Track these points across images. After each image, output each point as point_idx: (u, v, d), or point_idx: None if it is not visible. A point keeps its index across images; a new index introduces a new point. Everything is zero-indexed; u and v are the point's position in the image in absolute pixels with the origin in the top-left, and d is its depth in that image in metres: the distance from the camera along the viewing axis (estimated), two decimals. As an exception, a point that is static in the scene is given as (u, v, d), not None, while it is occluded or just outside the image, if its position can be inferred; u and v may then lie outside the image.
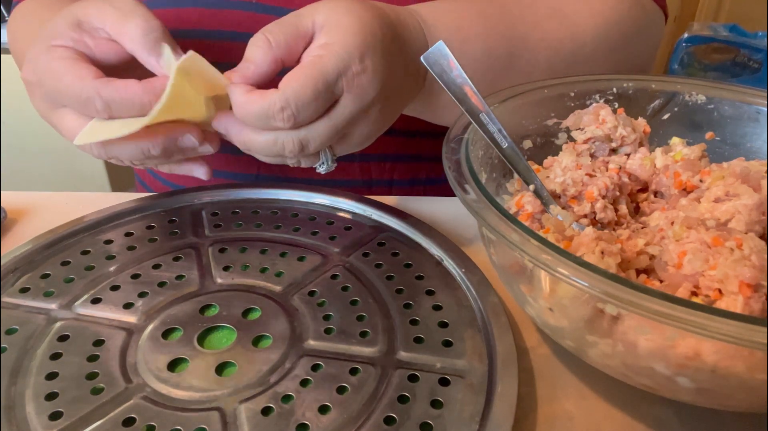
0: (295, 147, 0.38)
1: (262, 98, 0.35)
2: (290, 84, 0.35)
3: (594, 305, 0.29)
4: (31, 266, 0.41)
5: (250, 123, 0.37)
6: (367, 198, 0.48)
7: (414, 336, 0.35)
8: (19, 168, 1.47)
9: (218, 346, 0.35)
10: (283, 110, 0.35)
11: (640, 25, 0.53)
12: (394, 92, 0.41)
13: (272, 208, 0.48)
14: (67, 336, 0.35)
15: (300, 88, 0.35)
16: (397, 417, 0.30)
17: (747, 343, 0.23)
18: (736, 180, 0.35)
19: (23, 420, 0.30)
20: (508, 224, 0.29)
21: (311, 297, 0.38)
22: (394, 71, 0.40)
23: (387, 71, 0.39)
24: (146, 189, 0.67)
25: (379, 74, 0.38)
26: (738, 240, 0.30)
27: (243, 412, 0.31)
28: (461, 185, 0.32)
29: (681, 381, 0.28)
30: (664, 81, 0.44)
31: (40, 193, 0.52)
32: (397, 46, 0.40)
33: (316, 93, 0.35)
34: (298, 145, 0.38)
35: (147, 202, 0.47)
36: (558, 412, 0.33)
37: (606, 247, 0.31)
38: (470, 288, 0.39)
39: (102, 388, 0.32)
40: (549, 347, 0.37)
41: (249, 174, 0.58)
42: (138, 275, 0.40)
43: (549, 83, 0.43)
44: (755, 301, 0.28)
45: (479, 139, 0.38)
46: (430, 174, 0.61)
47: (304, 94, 0.35)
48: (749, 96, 0.42)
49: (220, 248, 0.43)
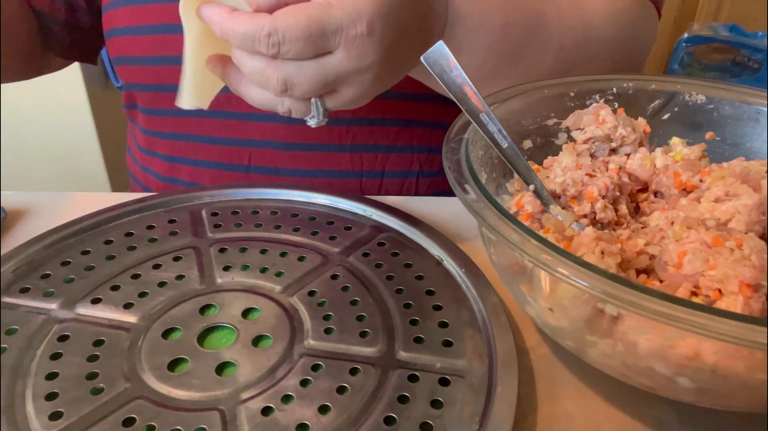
0: (279, 83, 0.37)
1: (251, 18, 0.35)
2: (285, 15, 0.35)
3: (594, 305, 0.29)
4: (31, 266, 0.41)
5: (234, 41, 0.36)
6: (367, 198, 0.48)
7: (414, 336, 0.35)
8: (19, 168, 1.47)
9: (218, 346, 0.35)
10: (269, 36, 0.35)
11: (642, 18, 0.55)
12: (396, 61, 0.40)
13: (272, 208, 0.48)
14: (67, 336, 0.35)
15: (294, 22, 0.35)
16: (397, 417, 0.30)
17: (747, 343, 0.23)
18: (736, 180, 0.35)
19: (23, 420, 0.30)
20: (508, 224, 0.29)
21: (311, 297, 0.38)
22: (402, 42, 0.39)
23: (394, 41, 0.38)
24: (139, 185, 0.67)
25: (384, 43, 0.37)
26: (738, 240, 0.30)
27: (243, 412, 0.31)
28: (461, 185, 0.32)
29: (681, 381, 0.28)
30: (664, 81, 0.44)
31: (40, 193, 0.52)
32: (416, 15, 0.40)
33: (308, 34, 0.35)
34: (281, 82, 0.37)
35: (147, 202, 0.47)
36: (558, 412, 0.33)
37: (606, 247, 0.31)
38: (470, 288, 0.39)
39: (102, 388, 0.32)
40: (549, 347, 0.37)
41: (240, 164, 0.58)
42: (138, 275, 0.40)
43: (549, 83, 0.43)
44: (755, 301, 0.28)
45: (479, 139, 0.38)
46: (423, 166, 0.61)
47: (295, 28, 0.35)
48: (749, 96, 0.42)
49: (220, 248, 0.43)
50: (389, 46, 0.38)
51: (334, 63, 0.37)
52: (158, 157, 0.63)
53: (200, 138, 0.59)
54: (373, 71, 0.38)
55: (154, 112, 0.61)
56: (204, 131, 0.59)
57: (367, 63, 0.37)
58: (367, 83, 0.39)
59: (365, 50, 0.37)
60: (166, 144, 0.61)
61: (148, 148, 0.64)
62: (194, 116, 0.57)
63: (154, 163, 0.63)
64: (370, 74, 0.38)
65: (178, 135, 0.60)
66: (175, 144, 0.61)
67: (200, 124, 0.58)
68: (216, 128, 0.58)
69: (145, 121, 0.63)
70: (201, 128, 0.58)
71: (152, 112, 0.61)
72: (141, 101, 0.61)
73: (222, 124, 0.57)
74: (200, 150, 0.59)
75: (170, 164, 0.62)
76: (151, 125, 0.62)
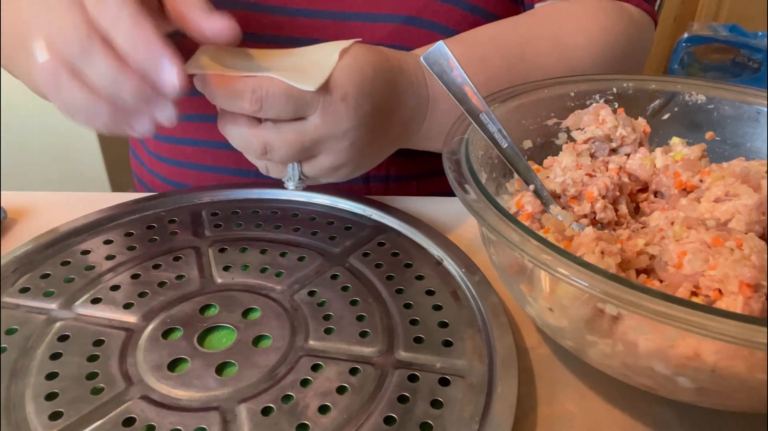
0: (259, 147, 0.40)
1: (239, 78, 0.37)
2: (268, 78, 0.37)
3: (594, 305, 0.29)
4: (31, 266, 0.41)
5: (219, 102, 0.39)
6: (367, 198, 0.48)
7: (414, 336, 0.35)
8: (19, 168, 1.47)
9: (218, 346, 0.35)
10: (253, 92, 0.37)
11: (632, 41, 0.55)
12: (373, 133, 0.42)
13: (272, 208, 0.48)
14: (67, 336, 0.35)
15: (277, 83, 0.37)
16: (397, 417, 0.30)
17: (747, 343, 0.23)
18: (736, 180, 0.35)
19: (23, 420, 0.30)
20: (508, 224, 0.29)
21: (311, 297, 0.38)
22: (378, 114, 0.42)
23: (369, 112, 0.41)
24: (145, 188, 0.67)
25: (358, 111, 0.40)
26: (738, 241, 0.30)
27: (243, 412, 0.31)
28: (461, 185, 0.32)
29: (681, 381, 0.28)
30: (664, 81, 0.44)
31: (40, 193, 0.52)
32: (391, 91, 0.43)
33: (289, 94, 0.37)
34: (261, 147, 0.40)
35: (147, 202, 0.47)
36: (558, 412, 0.33)
37: (606, 247, 0.31)
38: (470, 288, 0.39)
39: (102, 388, 0.32)
40: (549, 347, 0.37)
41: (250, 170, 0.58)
42: (138, 275, 0.40)
43: (549, 83, 0.43)
44: (755, 301, 0.28)
45: (479, 139, 0.38)
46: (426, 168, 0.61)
47: (278, 88, 0.37)
48: (749, 96, 0.42)
49: (220, 248, 0.43)
50: (364, 116, 0.41)
51: (311, 128, 0.39)
52: (166, 162, 0.62)
53: (209, 143, 0.58)
54: (348, 138, 0.41)
55: None
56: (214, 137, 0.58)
57: (342, 129, 0.40)
58: (344, 151, 0.41)
59: (340, 115, 0.39)
60: (170, 148, 0.61)
61: (155, 152, 0.63)
62: (204, 122, 0.57)
63: (161, 167, 0.63)
64: (345, 141, 0.41)
65: (184, 140, 0.60)
66: (181, 149, 0.60)
67: (209, 129, 0.58)
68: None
69: None
70: (210, 134, 0.58)
71: None
72: None
73: None
74: (208, 155, 0.59)
75: (178, 169, 0.61)
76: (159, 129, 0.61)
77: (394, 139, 0.46)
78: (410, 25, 0.53)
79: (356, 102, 0.40)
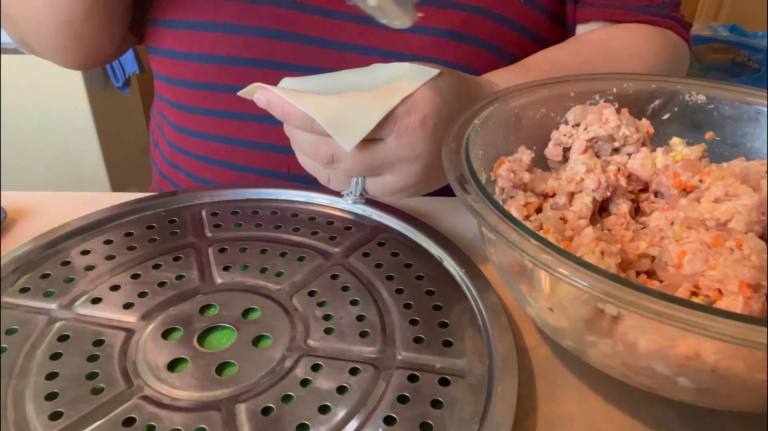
0: (326, 155, 0.40)
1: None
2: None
3: (594, 305, 0.29)
4: (31, 266, 0.41)
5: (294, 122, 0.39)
6: (367, 198, 0.48)
7: (414, 336, 0.35)
8: (19, 168, 1.47)
9: (218, 346, 0.35)
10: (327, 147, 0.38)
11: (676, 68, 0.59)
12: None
13: (272, 208, 0.48)
14: (67, 336, 0.35)
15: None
16: (397, 417, 0.30)
17: (747, 343, 0.23)
18: (735, 180, 0.35)
19: (23, 420, 0.30)
20: (508, 224, 0.29)
21: (311, 297, 0.38)
22: None
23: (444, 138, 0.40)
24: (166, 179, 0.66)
25: (435, 135, 0.39)
26: (738, 241, 0.30)
27: (243, 412, 0.31)
28: (461, 185, 0.32)
29: (681, 381, 0.28)
30: (664, 81, 0.44)
31: (40, 193, 0.52)
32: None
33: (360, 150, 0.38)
34: (329, 155, 0.40)
35: (147, 202, 0.47)
36: (558, 412, 0.33)
37: (606, 248, 0.31)
38: (470, 288, 0.39)
39: (102, 388, 0.32)
40: (549, 347, 0.37)
41: (281, 173, 0.58)
42: (138, 275, 0.40)
43: (549, 83, 0.43)
44: (755, 301, 0.28)
45: (479, 138, 0.38)
46: None
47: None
48: (749, 96, 0.42)
49: (220, 248, 0.43)
50: (440, 141, 0.39)
51: (384, 148, 0.39)
52: (187, 155, 0.62)
53: (236, 141, 0.58)
54: (421, 162, 0.40)
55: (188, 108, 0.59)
56: (244, 135, 0.58)
57: (416, 153, 0.39)
58: (413, 174, 0.40)
59: (416, 140, 0.39)
60: (194, 142, 0.60)
61: (177, 144, 0.62)
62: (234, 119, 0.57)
63: (183, 160, 0.62)
64: (417, 165, 0.40)
65: (210, 135, 0.59)
66: (205, 144, 0.60)
67: (239, 126, 0.57)
68: (257, 133, 0.57)
69: (177, 117, 0.61)
70: (240, 131, 0.58)
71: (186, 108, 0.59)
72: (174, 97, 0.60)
73: (263, 129, 0.57)
74: (237, 153, 0.59)
75: (198, 163, 0.61)
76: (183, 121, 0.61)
77: None
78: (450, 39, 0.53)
79: (434, 125, 0.39)
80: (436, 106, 0.39)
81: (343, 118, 0.37)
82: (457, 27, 0.53)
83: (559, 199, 0.38)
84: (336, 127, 0.37)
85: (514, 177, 0.38)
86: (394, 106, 0.38)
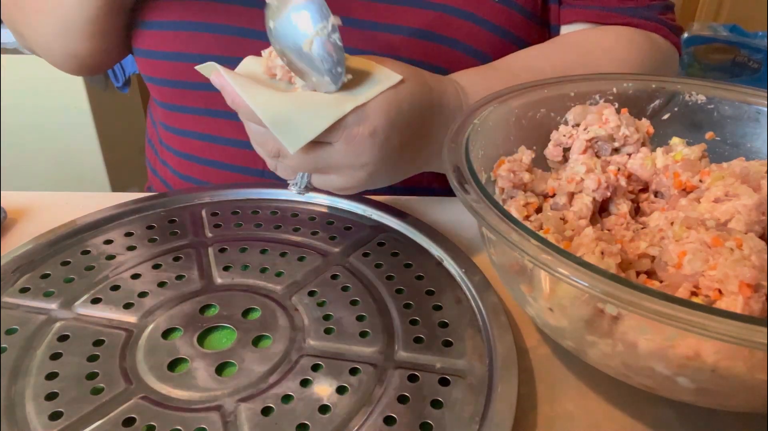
0: (272, 149, 0.40)
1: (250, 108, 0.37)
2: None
3: (594, 305, 0.29)
4: (31, 266, 0.41)
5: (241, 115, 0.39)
6: (367, 198, 0.48)
7: (414, 336, 0.35)
8: (19, 168, 1.47)
9: (218, 346, 0.35)
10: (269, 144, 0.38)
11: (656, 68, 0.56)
12: (394, 165, 0.42)
13: (272, 208, 0.48)
14: (67, 336, 0.35)
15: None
16: (397, 417, 0.30)
17: (747, 343, 0.23)
18: (735, 180, 0.35)
19: (23, 420, 0.30)
20: (508, 224, 0.29)
21: (311, 297, 0.38)
22: (405, 147, 0.41)
23: (395, 146, 0.40)
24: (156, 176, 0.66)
25: (384, 147, 0.39)
26: (738, 241, 0.30)
27: (243, 412, 0.31)
28: (461, 185, 0.32)
29: (681, 381, 0.28)
30: (664, 81, 0.44)
31: (40, 193, 0.52)
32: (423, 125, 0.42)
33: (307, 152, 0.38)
34: (275, 150, 0.39)
35: (147, 202, 0.47)
36: (558, 412, 0.33)
37: (606, 248, 0.31)
38: (470, 288, 0.39)
39: (102, 388, 0.32)
40: (549, 347, 0.37)
41: (255, 169, 0.58)
42: (138, 275, 0.40)
43: (549, 83, 0.43)
44: (755, 301, 0.28)
45: (479, 138, 0.38)
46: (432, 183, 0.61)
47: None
48: (749, 96, 0.42)
49: (220, 248, 0.43)
50: (389, 150, 0.39)
51: (330, 152, 0.39)
52: (173, 152, 0.63)
53: (215, 138, 0.59)
54: (366, 170, 0.40)
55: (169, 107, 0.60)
56: (220, 132, 0.58)
57: (362, 161, 0.39)
58: (358, 178, 0.40)
59: (363, 150, 0.38)
60: (178, 140, 0.61)
61: (166, 142, 0.64)
62: (211, 116, 0.57)
63: (171, 158, 0.63)
64: (363, 172, 0.40)
65: (191, 133, 0.60)
66: (187, 141, 0.60)
67: (216, 124, 0.58)
68: (232, 130, 0.57)
69: (163, 115, 0.62)
70: (218, 129, 0.58)
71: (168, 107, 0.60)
72: (158, 95, 0.61)
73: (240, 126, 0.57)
74: (215, 150, 0.59)
75: (182, 161, 0.62)
76: (168, 120, 0.62)
77: (415, 168, 0.45)
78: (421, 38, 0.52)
79: (385, 137, 0.38)
80: (388, 118, 0.38)
81: (290, 120, 0.37)
82: (430, 26, 0.52)
83: (559, 199, 0.38)
84: (281, 128, 0.36)
85: (514, 177, 0.38)
86: (345, 114, 0.37)
